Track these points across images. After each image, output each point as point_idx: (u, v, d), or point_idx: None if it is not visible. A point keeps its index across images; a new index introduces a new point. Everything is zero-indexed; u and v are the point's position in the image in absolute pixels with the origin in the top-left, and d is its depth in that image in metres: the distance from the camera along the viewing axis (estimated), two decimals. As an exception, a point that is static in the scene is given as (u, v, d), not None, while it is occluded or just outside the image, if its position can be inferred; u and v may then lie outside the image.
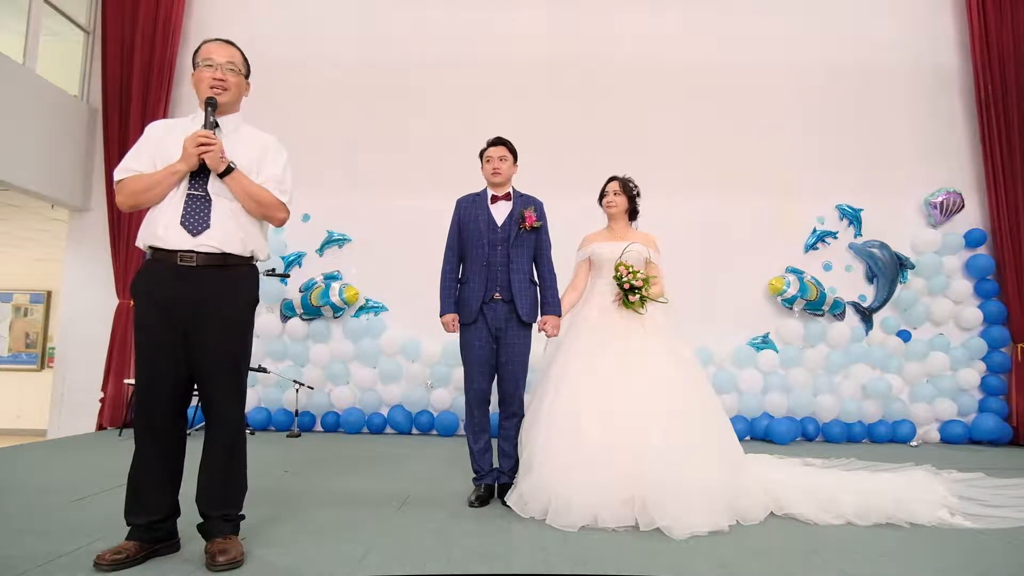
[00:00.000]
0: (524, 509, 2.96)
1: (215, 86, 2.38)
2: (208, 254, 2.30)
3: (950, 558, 2.50)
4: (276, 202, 2.44)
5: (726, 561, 2.42)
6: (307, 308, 5.94)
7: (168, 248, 2.28)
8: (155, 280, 2.30)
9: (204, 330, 2.29)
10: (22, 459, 4.34)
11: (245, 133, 2.50)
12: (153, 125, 2.49)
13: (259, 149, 2.47)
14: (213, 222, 2.31)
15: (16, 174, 5.54)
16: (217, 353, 2.32)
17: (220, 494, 2.36)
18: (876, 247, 6.11)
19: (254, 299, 2.48)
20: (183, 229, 2.28)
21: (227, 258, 2.34)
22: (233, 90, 2.44)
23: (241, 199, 2.37)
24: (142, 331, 2.31)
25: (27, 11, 5.87)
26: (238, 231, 2.37)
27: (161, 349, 2.28)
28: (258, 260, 2.50)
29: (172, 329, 2.28)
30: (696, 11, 6.42)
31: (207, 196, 2.33)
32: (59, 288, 6.98)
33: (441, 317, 3.36)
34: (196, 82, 2.43)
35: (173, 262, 2.28)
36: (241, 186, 2.35)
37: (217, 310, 2.31)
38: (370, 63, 6.32)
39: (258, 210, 2.41)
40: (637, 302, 3.29)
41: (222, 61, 2.42)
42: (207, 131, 2.31)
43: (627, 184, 3.58)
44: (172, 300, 2.27)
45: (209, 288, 2.30)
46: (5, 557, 2.29)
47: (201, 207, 2.31)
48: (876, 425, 5.85)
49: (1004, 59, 6.17)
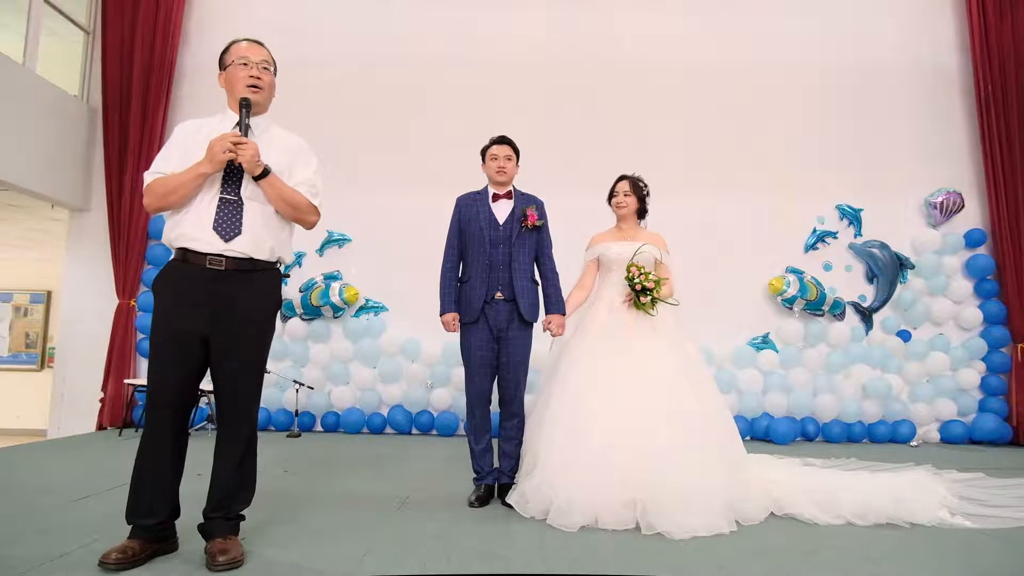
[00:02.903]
0: (525, 508, 2.96)
1: (252, 84, 2.37)
2: (237, 259, 2.31)
3: (950, 558, 2.50)
4: (309, 206, 2.45)
5: (726, 561, 2.42)
6: (307, 308, 5.94)
7: (199, 250, 2.28)
8: (182, 280, 2.30)
9: (228, 332, 2.30)
10: (22, 459, 4.34)
11: (275, 135, 2.49)
12: (183, 125, 2.47)
13: (291, 151, 2.47)
14: (245, 227, 2.31)
15: (16, 174, 5.53)
16: (239, 355, 2.33)
17: (233, 495, 2.36)
18: (876, 247, 6.11)
19: (277, 302, 2.49)
20: (215, 234, 2.28)
21: (255, 263, 2.35)
22: (267, 90, 2.44)
23: (275, 202, 2.37)
24: (160, 329, 2.31)
25: (27, 11, 5.86)
26: (268, 237, 2.37)
27: (178, 349, 2.28)
28: (283, 264, 2.52)
29: (191, 330, 2.27)
30: (696, 11, 6.42)
31: (240, 200, 2.33)
32: (59, 288, 6.98)
33: (441, 316, 3.35)
34: (230, 82, 2.41)
35: (202, 264, 2.28)
36: (276, 189, 2.35)
37: (242, 313, 2.32)
38: (370, 63, 6.32)
39: (292, 213, 2.42)
40: (648, 303, 3.29)
41: (257, 60, 2.41)
42: (237, 133, 2.30)
43: (637, 184, 3.56)
44: (198, 301, 2.27)
45: (235, 291, 2.30)
46: (5, 557, 2.29)
47: (233, 212, 2.31)
48: (876, 425, 5.85)
49: (1004, 59, 6.17)
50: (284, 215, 2.42)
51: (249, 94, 2.36)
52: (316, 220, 2.52)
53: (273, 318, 2.47)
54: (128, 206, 5.98)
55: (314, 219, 2.50)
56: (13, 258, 9.68)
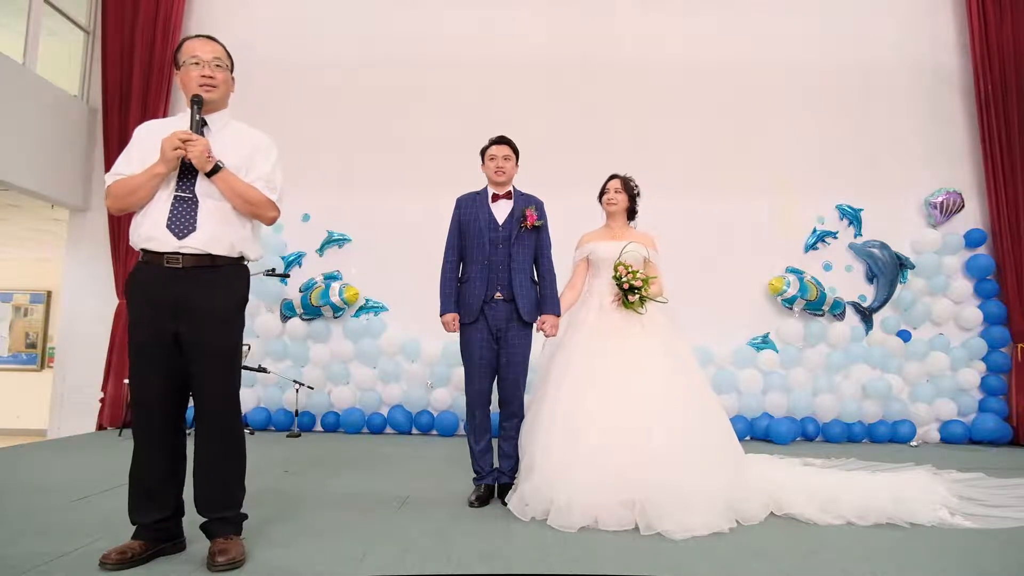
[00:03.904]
0: (524, 511, 2.94)
1: (204, 84, 2.36)
2: (195, 255, 2.29)
3: (950, 558, 2.50)
4: (265, 200, 2.40)
5: (726, 561, 2.42)
6: (307, 308, 5.94)
7: (155, 250, 2.28)
8: (145, 281, 2.30)
9: (192, 329, 2.28)
10: (22, 459, 4.34)
11: (234, 130, 2.47)
12: (141, 127, 2.46)
13: (249, 147, 2.44)
14: (199, 224, 2.29)
15: (16, 174, 5.54)
16: (206, 352, 2.30)
17: (212, 496, 2.33)
18: (876, 247, 6.11)
19: (243, 297, 2.45)
20: (169, 231, 2.26)
21: (214, 259, 2.33)
22: (221, 87, 2.41)
23: (230, 198, 2.34)
24: (134, 332, 2.32)
25: (27, 11, 5.87)
26: (225, 233, 2.34)
27: (152, 349, 2.28)
28: (248, 260, 2.48)
29: (163, 329, 2.27)
30: (696, 11, 6.42)
31: (194, 198, 2.31)
32: (59, 288, 6.98)
33: (441, 316, 3.35)
34: (183, 81, 2.40)
35: (161, 263, 2.27)
36: (229, 185, 2.32)
37: (204, 309, 2.29)
38: (370, 63, 6.32)
39: (247, 209, 2.38)
40: (637, 302, 3.29)
41: (208, 58, 2.38)
42: (187, 131, 2.28)
43: (628, 183, 3.58)
44: (161, 301, 2.27)
45: (197, 288, 2.28)
46: (5, 557, 2.29)
47: (187, 209, 2.29)
48: (876, 425, 5.85)
49: (1004, 59, 6.17)
50: (240, 211, 2.37)
51: (202, 92, 2.35)
52: (275, 215, 2.47)
53: (238, 313, 2.43)
54: (128, 206, 5.97)
55: (272, 214, 2.45)
56: (13, 258, 9.69)
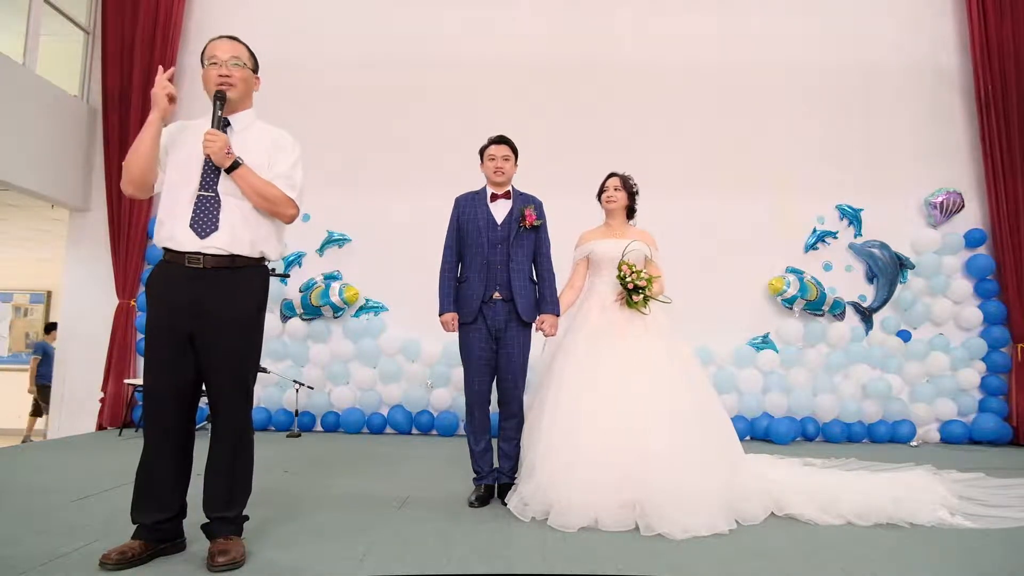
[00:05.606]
0: (523, 512, 2.94)
1: (221, 82, 2.38)
2: (216, 256, 2.30)
3: (950, 558, 2.50)
4: (284, 198, 2.41)
5: (726, 561, 2.42)
6: (307, 308, 5.94)
7: (178, 250, 2.29)
8: (166, 281, 2.32)
9: (210, 331, 2.29)
10: (22, 459, 4.34)
11: (258, 130, 2.49)
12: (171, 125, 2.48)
13: (272, 145, 2.46)
14: (221, 223, 2.30)
15: (16, 174, 5.54)
16: (223, 354, 2.31)
17: (223, 496, 2.35)
18: (876, 247, 6.11)
19: (262, 301, 2.46)
20: (191, 231, 2.28)
21: (235, 259, 2.34)
22: (240, 85, 2.42)
23: (248, 195, 2.35)
24: (151, 331, 2.32)
25: (27, 11, 5.87)
26: (247, 232, 2.35)
27: (168, 349, 2.28)
28: (269, 261, 2.49)
29: (179, 330, 2.28)
30: (696, 11, 6.42)
31: (216, 196, 2.32)
32: (59, 288, 6.98)
33: (440, 316, 3.35)
34: (204, 81, 2.43)
35: (183, 263, 2.29)
36: (248, 182, 2.34)
37: (224, 311, 2.30)
38: (370, 63, 6.32)
39: (267, 207, 2.39)
40: (641, 302, 3.29)
41: (226, 57, 2.41)
42: (213, 129, 2.31)
43: (627, 181, 3.58)
44: (180, 301, 2.28)
45: (217, 289, 2.29)
46: (5, 557, 2.29)
47: (210, 208, 2.31)
48: (876, 425, 5.85)
49: (1004, 59, 6.16)
50: (260, 209, 2.38)
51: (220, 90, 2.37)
52: (294, 213, 2.47)
53: (258, 315, 2.44)
54: (128, 206, 5.98)
55: (292, 212, 2.45)
56: (13, 258, 9.70)
